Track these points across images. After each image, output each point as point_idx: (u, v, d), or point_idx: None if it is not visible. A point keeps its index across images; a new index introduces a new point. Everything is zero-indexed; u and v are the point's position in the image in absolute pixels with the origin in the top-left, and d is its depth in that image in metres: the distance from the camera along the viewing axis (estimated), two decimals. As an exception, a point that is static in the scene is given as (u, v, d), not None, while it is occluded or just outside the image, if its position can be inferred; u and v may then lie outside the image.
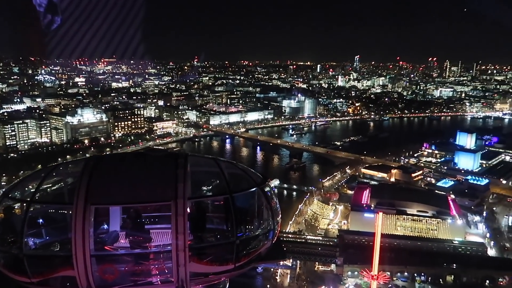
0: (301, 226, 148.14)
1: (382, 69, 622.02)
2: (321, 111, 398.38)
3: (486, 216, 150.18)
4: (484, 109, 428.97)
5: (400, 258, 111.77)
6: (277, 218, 13.46)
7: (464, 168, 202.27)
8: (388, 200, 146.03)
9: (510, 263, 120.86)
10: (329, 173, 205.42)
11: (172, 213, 11.06)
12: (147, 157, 12.80)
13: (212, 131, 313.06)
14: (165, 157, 12.71)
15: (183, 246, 11.08)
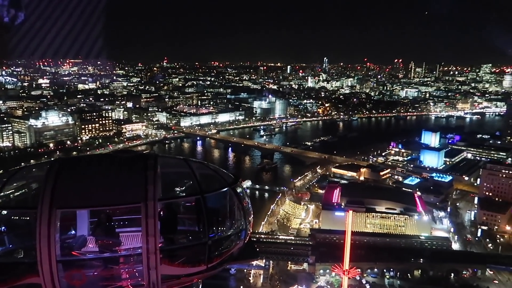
0: (273, 226, 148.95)
1: (350, 70, 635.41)
2: (291, 111, 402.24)
3: (450, 212, 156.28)
4: (447, 109, 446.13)
5: (370, 254, 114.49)
6: (249, 218, 13.45)
7: (429, 165, 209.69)
8: (358, 199, 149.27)
9: (472, 256, 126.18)
10: (301, 173, 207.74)
11: (142, 215, 10.84)
12: (115, 159, 12.49)
13: (183, 133, 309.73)
14: (134, 159, 12.44)
15: (154, 248, 10.89)
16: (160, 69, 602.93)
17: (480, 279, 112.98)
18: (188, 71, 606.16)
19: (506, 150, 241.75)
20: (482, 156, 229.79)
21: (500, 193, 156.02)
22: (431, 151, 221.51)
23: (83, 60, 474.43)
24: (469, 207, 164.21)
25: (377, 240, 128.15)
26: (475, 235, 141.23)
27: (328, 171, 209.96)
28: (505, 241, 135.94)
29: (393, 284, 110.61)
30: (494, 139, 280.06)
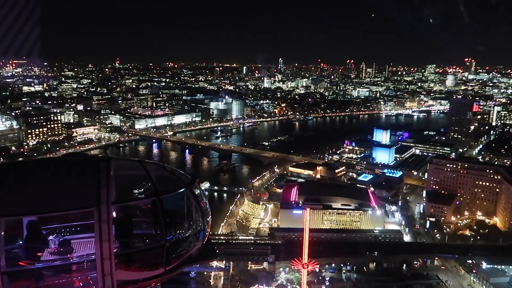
0: (232, 227, 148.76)
1: (305, 70, 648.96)
2: (248, 112, 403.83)
3: (401, 205, 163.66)
4: (396, 107, 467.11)
5: (328, 250, 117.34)
6: (207, 219, 13.38)
7: (381, 162, 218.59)
8: (315, 196, 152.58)
9: (422, 246, 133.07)
10: (259, 173, 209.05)
11: (95, 220, 10.47)
12: (64, 162, 11.94)
13: (138, 135, 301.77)
14: (85, 162, 11.96)
15: (109, 254, 10.54)
16: (112, 70, 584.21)
17: (429, 268, 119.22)
18: (142, 72, 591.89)
19: (450, 145, 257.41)
20: (429, 152, 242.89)
21: (446, 186, 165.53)
22: (383, 148, 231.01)
23: (27, 61, 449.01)
24: (418, 200, 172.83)
25: (334, 236, 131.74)
26: (424, 226, 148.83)
27: (285, 170, 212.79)
28: (450, 231, 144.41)
29: (350, 278, 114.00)
30: (439, 135, 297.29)
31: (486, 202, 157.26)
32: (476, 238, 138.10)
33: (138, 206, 12.69)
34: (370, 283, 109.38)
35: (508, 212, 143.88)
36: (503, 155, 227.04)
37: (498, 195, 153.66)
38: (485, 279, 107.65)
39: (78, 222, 12.20)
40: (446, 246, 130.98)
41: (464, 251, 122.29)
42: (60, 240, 11.70)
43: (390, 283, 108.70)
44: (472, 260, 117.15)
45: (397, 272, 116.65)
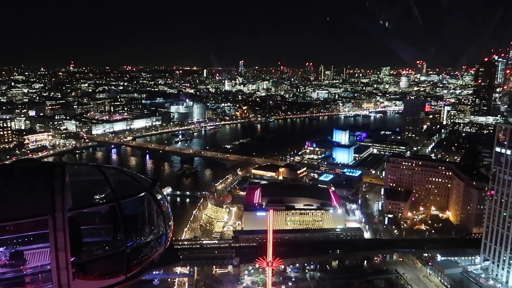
0: (196, 232, 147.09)
1: (265, 73, 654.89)
2: (210, 115, 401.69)
3: (361, 204, 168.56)
4: (354, 109, 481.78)
5: (292, 250, 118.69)
6: (169, 223, 13.15)
7: (341, 162, 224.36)
8: (277, 198, 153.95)
9: (382, 242, 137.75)
10: (221, 176, 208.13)
11: (50, 228, 10.01)
12: (15, 169, 11.35)
13: (95, 141, 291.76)
14: (38, 168, 11.40)
15: (65, 263, 10.11)
16: (66, 74, 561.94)
17: (388, 263, 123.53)
18: (99, 75, 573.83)
19: (405, 144, 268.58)
20: (385, 151, 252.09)
21: (402, 183, 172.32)
22: (342, 148, 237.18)
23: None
24: (377, 198, 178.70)
25: (297, 236, 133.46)
26: (383, 223, 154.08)
27: (248, 173, 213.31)
28: (407, 226, 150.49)
29: (314, 277, 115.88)
30: (395, 135, 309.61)
31: (439, 197, 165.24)
32: (431, 232, 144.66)
33: (97, 212, 12.27)
34: (333, 281, 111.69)
35: (459, 206, 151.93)
36: (453, 152, 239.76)
37: (449, 190, 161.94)
38: (440, 271, 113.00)
39: (32, 232, 11.62)
40: (404, 241, 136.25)
41: (420, 245, 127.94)
42: (12, 252, 11.09)
43: (352, 280, 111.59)
44: (428, 253, 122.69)
45: (359, 268, 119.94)
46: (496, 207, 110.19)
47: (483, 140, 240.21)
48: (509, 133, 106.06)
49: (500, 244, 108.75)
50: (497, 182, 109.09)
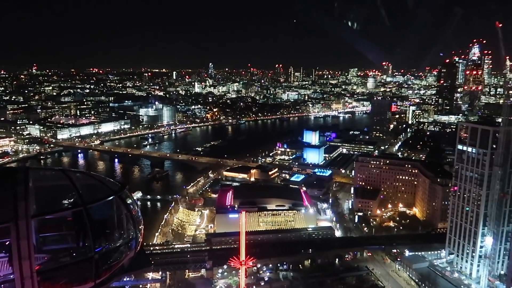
0: (168, 236, 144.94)
1: (236, 75, 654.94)
2: (180, 118, 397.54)
3: (331, 203, 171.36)
4: (324, 109, 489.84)
5: (264, 251, 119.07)
6: (139, 227, 12.98)
7: (312, 162, 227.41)
8: (250, 199, 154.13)
9: (352, 240, 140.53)
10: (193, 179, 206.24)
11: (13, 236, 9.68)
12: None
13: (61, 146, 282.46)
14: (0, 174, 11.02)
15: (30, 272, 9.80)
16: (28, 76, 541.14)
17: (359, 260, 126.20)
18: (63, 78, 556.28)
19: (373, 143, 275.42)
20: (354, 150, 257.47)
21: (371, 181, 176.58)
22: (313, 149, 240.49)
23: None
24: (347, 197, 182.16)
25: (270, 237, 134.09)
26: (353, 221, 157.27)
27: (220, 175, 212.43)
28: (377, 223, 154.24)
29: (287, 277, 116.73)
30: (363, 135, 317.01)
31: (406, 195, 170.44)
32: (399, 229, 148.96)
33: (63, 217, 11.93)
34: (306, 280, 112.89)
35: (425, 203, 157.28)
36: (418, 150, 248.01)
37: (416, 187, 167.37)
38: (408, 266, 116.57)
39: None
40: (374, 238, 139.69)
41: (389, 242, 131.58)
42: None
43: (324, 278, 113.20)
44: (397, 249, 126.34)
45: (331, 266, 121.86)
46: (459, 203, 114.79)
47: (446, 138, 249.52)
48: (470, 131, 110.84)
49: (464, 238, 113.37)
50: (460, 178, 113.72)
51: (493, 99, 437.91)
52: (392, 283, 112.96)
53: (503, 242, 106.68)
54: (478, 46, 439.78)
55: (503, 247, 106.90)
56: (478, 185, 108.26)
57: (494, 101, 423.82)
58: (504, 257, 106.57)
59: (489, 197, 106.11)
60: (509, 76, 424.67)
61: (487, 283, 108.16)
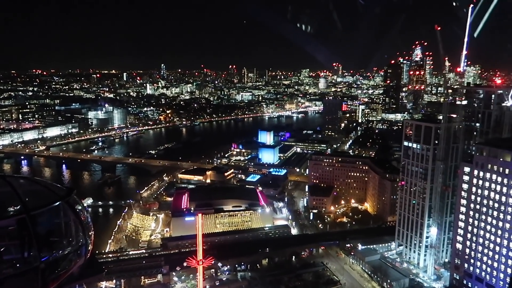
0: (122, 243, 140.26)
1: (189, 76, 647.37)
2: (132, 120, 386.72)
3: (287, 201, 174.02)
4: (278, 110, 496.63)
5: (222, 253, 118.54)
6: (89, 232, 12.53)
7: (267, 162, 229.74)
8: (206, 201, 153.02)
9: (308, 237, 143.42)
10: (147, 183, 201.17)
11: None
12: None
13: (2, 152, 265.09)
14: None
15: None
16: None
17: (315, 256, 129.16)
18: (3, 80, 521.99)
19: (325, 142, 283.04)
20: (308, 149, 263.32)
21: (324, 179, 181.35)
22: (267, 149, 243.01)
23: None
24: (302, 195, 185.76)
25: (227, 238, 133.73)
26: (308, 218, 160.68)
27: (175, 178, 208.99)
28: (331, 220, 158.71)
29: (245, 277, 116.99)
30: (316, 134, 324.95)
31: (358, 191, 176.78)
32: (352, 224, 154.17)
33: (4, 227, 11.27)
34: (264, 279, 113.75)
35: (375, 198, 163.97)
36: (368, 147, 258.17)
37: (366, 183, 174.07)
38: (361, 259, 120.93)
39: None
40: (328, 234, 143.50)
41: (343, 237, 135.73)
42: None
43: (282, 276, 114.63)
44: (350, 244, 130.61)
45: (288, 264, 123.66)
46: (406, 196, 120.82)
47: (394, 136, 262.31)
48: (414, 129, 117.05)
49: (411, 230, 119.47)
50: (406, 173, 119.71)
51: (434, 98, 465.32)
52: (347, 276, 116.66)
53: (446, 232, 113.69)
54: (420, 47, 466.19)
55: (447, 237, 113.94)
56: (423, 179, 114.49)
57: (436, 99, 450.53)
58: (448, 246, 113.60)
59: (433, 190, 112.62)
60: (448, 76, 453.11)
61: (433, 271, 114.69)
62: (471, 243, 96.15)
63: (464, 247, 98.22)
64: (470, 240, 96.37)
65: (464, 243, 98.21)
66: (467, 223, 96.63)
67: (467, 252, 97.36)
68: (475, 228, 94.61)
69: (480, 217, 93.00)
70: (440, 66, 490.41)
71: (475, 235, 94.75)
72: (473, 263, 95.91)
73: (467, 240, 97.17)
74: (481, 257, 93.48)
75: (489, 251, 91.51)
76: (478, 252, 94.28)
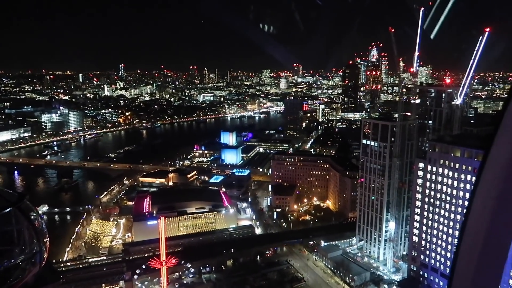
0: (81, 250, 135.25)
1: (148, 77, 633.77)
2: (89, 123, 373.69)
3: (251, 202, 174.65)
4: (240, 110, 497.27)
5: (186, 256, 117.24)
6: (43, 239, 12.06)
7: (230, 162, 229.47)
8: (169, 204, 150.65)
9: (272, 236, 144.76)
10: (106, 187, 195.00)
11: None
12: None
13: None
14: None
15: None
16: None
17: (279, 255, 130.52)
18: None
19: (287, 141, 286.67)
20: (270, 149, 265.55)
21: (287, 178, 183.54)
22: (230, 150, 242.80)
23: None
24: (265, 194, 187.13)
25: (191, 241, 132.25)
26: (272, 218, 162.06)
27: (136, 181, 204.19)
28: (294, 218, 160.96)
29: (210, 279, 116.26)
30: (278, 134, 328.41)
31: (320, 189, 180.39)
32: (315, 221, 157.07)
33: None
34: (229, 280, 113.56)
35: (336, 195, 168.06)
36: (329, 146, 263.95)
37: (328, 181, 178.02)
38: (324, 255, 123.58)
39: None
40: (292, 232, 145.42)
41: (306, 234, 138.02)
42: None
43: (247, 276, 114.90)
44: (313, 241, 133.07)
45: (252, 264, 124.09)
46: (366, 193, 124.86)
47: (353, 134, 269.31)
48: (372, 127, 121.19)
49: (371, 225, 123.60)
50: (365, 170, 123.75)
51: (390, 97, 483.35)
52: (310, 273, 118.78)
53: (404, 225, 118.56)
54: (376, 49, 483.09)
55: (404, 230, 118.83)
56: (381, 175, 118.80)
57: (392, 98, 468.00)
58: (405, 239, 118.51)
59: (390, 185, 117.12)
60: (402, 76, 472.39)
61: (392, 264, 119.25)
62: (426, 235, 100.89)
63: (420, 239, 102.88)
64: (425, 233, 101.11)
65: (420, 235, 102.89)
66: (422, 216, 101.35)
67: (423, 244, 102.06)
68: (430, 221, 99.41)
69: (434, 210, 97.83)
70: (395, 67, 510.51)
71: (430, 228, 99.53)
72: (429, 254, 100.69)
73: (423, 233, 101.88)
74: (436, 248, 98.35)
75: (442, 242, 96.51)
76: (433, 244, 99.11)
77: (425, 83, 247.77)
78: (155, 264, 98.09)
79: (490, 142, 4.75)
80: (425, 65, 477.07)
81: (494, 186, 4.72)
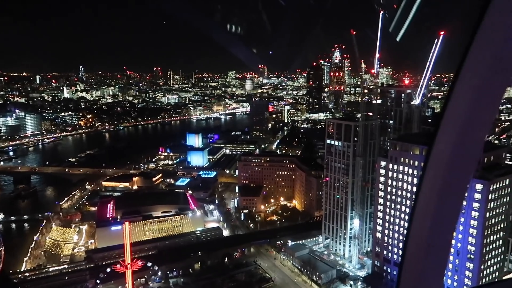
0: (40, 260, 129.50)
1: (111, 78, 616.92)
2: (48, 126, 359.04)
3: (218, 204, 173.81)
4: (205, 112, 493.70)
5: (152, 261, 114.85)
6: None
7: (196, 165, 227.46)
8: (133, 208, 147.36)
9: (240, 238, 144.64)
10: (67, 193, 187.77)
11: None
12: None
13: None
14: None
15: None
16: None
17: (247, 256, 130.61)
18: None
19: (254, 142, 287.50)
20: (237, 150, 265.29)
21: (254, 179, 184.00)
22: (196, 152, 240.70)
23: None
24: (232, 196, 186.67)
25: (157, 245, 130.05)
26: (239, 219, 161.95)
27: (99, 186, 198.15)
28: (261, 219, 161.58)
29: (177, 283, 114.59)
30: (244, 135, 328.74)
31: (286, 189, 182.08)
32: (282, 221, 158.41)
33: None
34: (197, 283, 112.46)
35: (302, 195, 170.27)
36: (294, 146, 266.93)
37: (294, 181, 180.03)
38: (291, 255, 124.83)
39: None
40: (259, 233, 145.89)
41: (274, 235, 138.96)
42: None
43: (215, 278, 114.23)
44: (281, 241, 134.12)
45: (220, 266, 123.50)
46: (331, 191, 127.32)
47: (318, 134, 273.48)
48: (335, 127, 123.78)
49: (336, 223, 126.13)
50: (330, 170, 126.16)
51: (353, 98, 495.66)
52: (278, 273, 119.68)
53: (368, 222, 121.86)
54: (339, 50, 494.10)
55: (368, 227, 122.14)
56: (345, 174, 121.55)
57: (354, 99, 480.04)
58: (369, 236, 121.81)
59: (354, 184, 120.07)
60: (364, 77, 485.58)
61: (357, 261, 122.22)
62: (389, 232, 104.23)
63: (382, 235, 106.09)
64: (388, 229, 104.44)
65: (382, 231, 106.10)
66: (385, 213, 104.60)
67: (386, 240, 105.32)
68: (391, 217, 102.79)
69: (396, 206, 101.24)
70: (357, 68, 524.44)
71: (392, 224, 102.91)
72: (391, 250, 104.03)
73: (385, 229, 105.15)
74: (397, 243, 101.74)
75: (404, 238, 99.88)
76: (395, 239, 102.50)
77: (386, 84, 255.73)
78: (119, 268, 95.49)
79: (432, 140, 4.93)
80: (385, 66, 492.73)
81: (436, 182, 4.90)
